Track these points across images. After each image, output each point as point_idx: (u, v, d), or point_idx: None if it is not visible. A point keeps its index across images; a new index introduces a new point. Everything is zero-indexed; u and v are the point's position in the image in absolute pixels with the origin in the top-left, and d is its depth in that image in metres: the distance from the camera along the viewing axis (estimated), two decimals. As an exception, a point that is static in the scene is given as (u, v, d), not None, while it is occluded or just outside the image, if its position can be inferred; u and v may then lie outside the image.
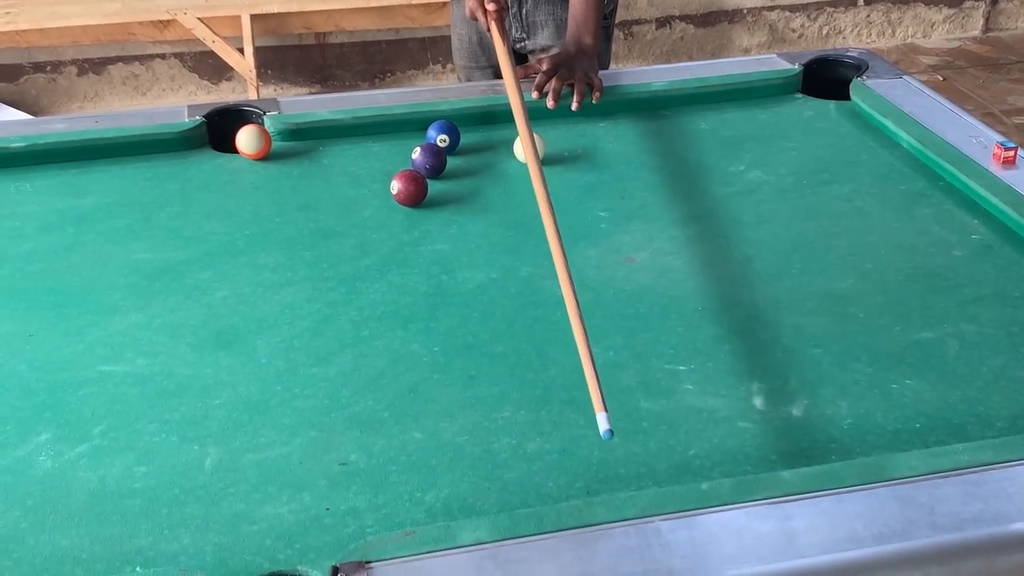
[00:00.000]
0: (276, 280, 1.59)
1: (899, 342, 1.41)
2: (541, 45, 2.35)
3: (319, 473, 1.22)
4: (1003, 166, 1.74)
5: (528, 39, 2.37)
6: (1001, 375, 1.34)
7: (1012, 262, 1.57)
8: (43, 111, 4.40)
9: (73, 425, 1.31)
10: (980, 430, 1.25)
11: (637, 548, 1.05)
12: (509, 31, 2.33)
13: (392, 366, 1.40)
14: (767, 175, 1.85)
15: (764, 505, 1.10)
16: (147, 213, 1.78)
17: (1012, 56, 4.84)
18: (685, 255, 1.63)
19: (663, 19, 4.79)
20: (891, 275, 1.56)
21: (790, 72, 2.15)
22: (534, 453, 1.24)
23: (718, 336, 1.43)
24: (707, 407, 1.30)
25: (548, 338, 1.44)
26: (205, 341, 1.46)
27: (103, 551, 1.12)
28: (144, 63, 4.47)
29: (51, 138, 1.95)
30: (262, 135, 1.94)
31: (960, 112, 1.95)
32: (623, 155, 1.94)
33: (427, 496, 1.18)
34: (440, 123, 1.94)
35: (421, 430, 1.28)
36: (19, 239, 1.72)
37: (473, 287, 1.57)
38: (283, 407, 1.33)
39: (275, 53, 4.49)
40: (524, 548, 1.06)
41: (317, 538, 1.12)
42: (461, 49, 2.50)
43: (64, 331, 1.48)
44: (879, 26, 5.00)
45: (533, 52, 2.38)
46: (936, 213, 1.71)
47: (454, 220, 1.75)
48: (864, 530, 1.07)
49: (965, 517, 1.08)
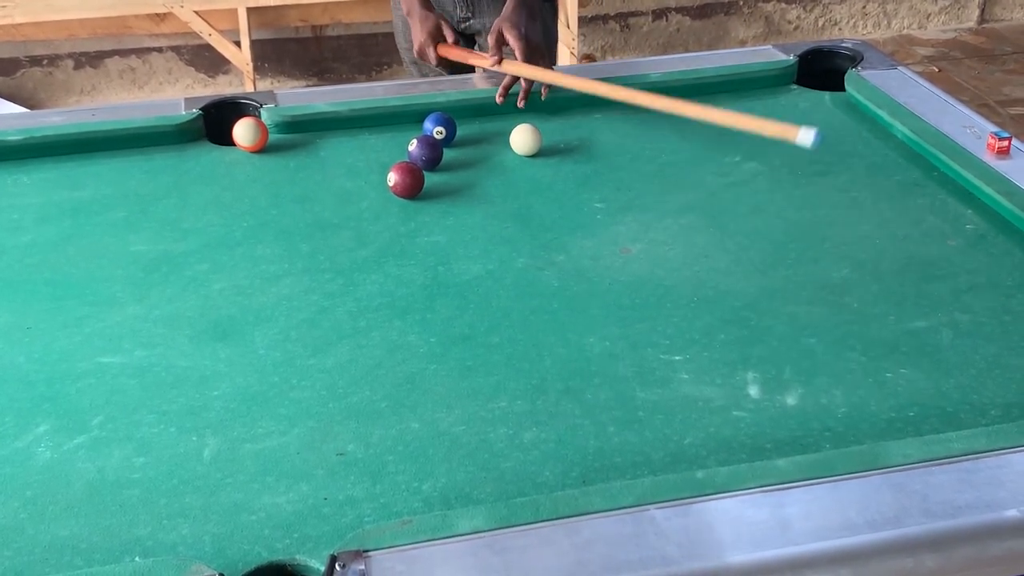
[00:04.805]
0: (273, 272, 1.60)
1: (893, 331, 1.42)
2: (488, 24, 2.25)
3: (317, 463, 1.22)
4: (997, 156, 1.75)
5: (474, 18, 2.32)
6: (994, 363, 1.35)
7: (1005, 251, 1.58)
8: (40, 105, 4.40)
9: (72, 416, 1.31)
10: (973, 418, 1.25)
11: (633, 536, 1.06)
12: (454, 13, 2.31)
13: (389, 357, 1.40)
14: (762, 166, 1.86)
15: (759, 493, 1.11)
16: (144, 205, 1.79)
17: (1007, 47, 4.85)
18: (680, 245, 1.63)
19: (659, 11, 4.79)
20: (885, 265, 1.57)
21: (785, 63, 2.15)
22: (530, 442, 1.24)
23: (713, 326, 1.44)
24: (702, 396, 1.31)
25: (544, 328, 1.45)
26: (203, 332, 1.46)
27: (102, 541, 1.13)
28: (141, 56, 4.47)
29: (48, 131, 1.95)
30: (259, 128, 1.94)
31: (954, 102, 1.95)
32: (619, 146, 1.95)
33: (424, 485, 1.18)
34: (436, 115, 1.94)
35: (418, 420, 1.29)
36: (17, 231, 1.72)
37: (469, 278, 1.57)
38: (281, 398, 1.33)
39: (272, 46, 4.49)
40: (520, 536, 1.06)
41: (315, 527, 1.13)
42: (405, 31, 2.42)
43: (62, 323, 1.49)
44: (875, 17, 5.00)
45: (480, 32, 2.33)
46: (930, 203, 1.72)
47: (450, 212, 1.76)
48: (858, 517, 1.08)
49: (958, 504, 1.09)
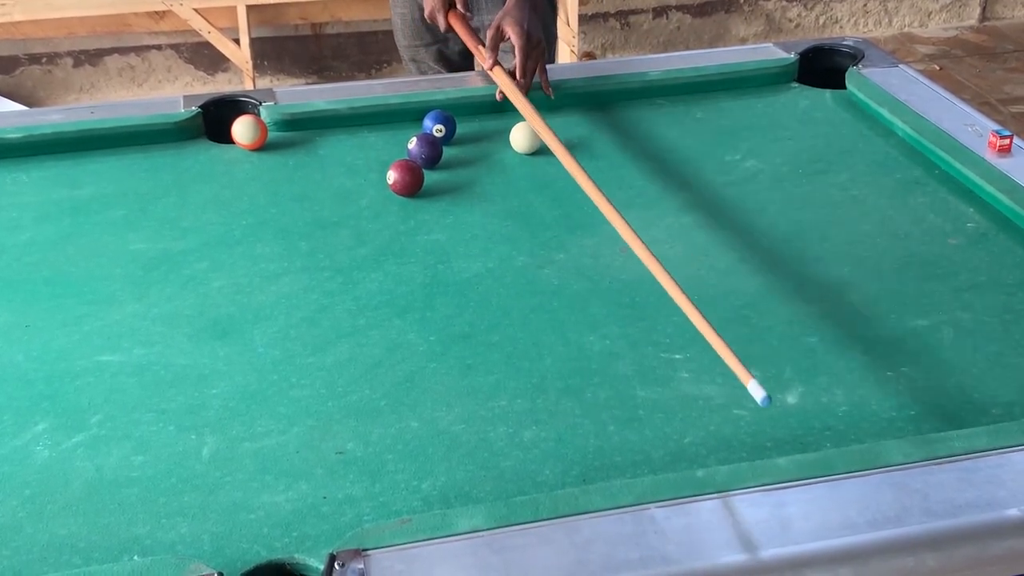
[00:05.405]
0: (273, 270, 1.60)
1: (894, 330, 1.42)
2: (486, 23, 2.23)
3: (316, 462, 1.22)
4: (998, 154, 1.74)
5: (474, 16, 2.30)
6: (995, 362, 1.35)
7: (1007, 250, 1.58)
8: (39, 103, 4.39)
9: (70, 415, 1.31)
10: (974, 417, 1.25)
11: (632, 535, 1.06)
12: None
13: (389, 355, 1.40)
14: (763, 164, 1.85)
15: (759, 492, 1.11)
16: (143, 204, 1.79)
17: (1009, 45, 4.84)
18: (681, 244, 1.63)
19: (660, 8, 4.79)
20: (886, 263, 1.57)
21: (786, 61, 2.15)
22: (530, 441, 1.24)
23: (713, 324, 1.43)
24: (702, 395, 1.30)
25: (544, 327, 1.44)
26: (202, 331, 1.46)
27: (101, 540, 1.12)
28: (140, 54, 4.46)
29: (47, 129, 1.94)
30: (258, 125, 1.94)
31: (955, 100, 1.95)
32: (619, 144, 1.94)
33: (423, 484, 1.18)
34: (436, 113, 1.94)
35: (417, 419, 1.28)
36: (16, 230, 1.72)
37: (469, 276, 1.57)
38: (280, 396, 1.33)
39: (271, 44, 4.48)
40: (520, 535, 1.06)
41: (314, 526, 1.13)
42: (404, 28, 2.43)
43: (61, 321, 1.49)
44: (876, 15, 5.00)
45: (480, 30, 2.30)
46: (931, 201, 1.72)
47: (450, 210, 1.75)
48: (858, 516, 1.08)
49: (959, 503, 1.09)
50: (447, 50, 2.44)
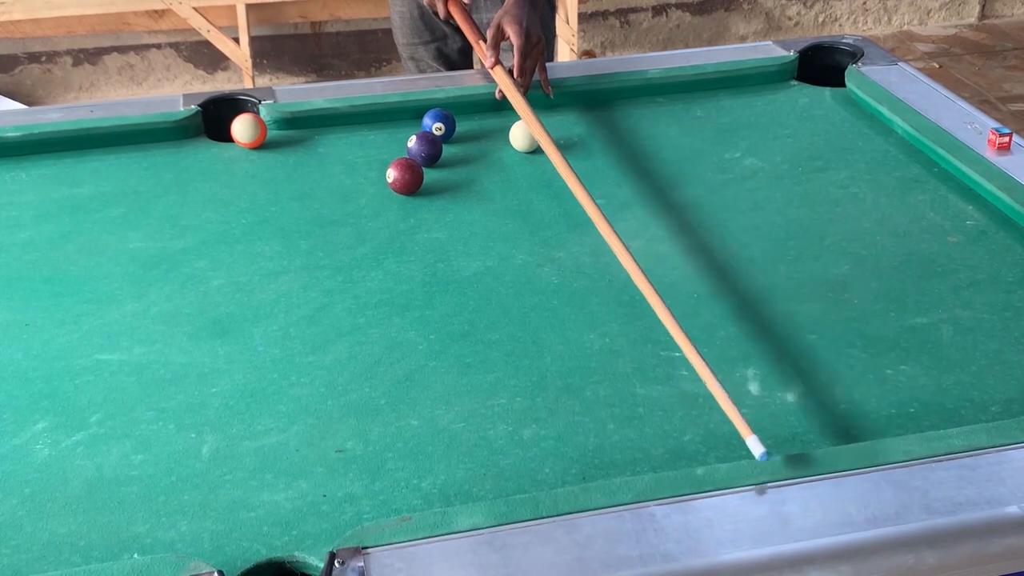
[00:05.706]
0: (272, 268, 1.60)
1: (894, 327, 1.42)
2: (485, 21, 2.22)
3: (316, 460, 1.22)
4: (998, 152, 1.74)
5: (473, 14, 2.27)
6: (995, 360, 1.35)
7: (1006, 247, 1.58)
8: (38, 102, 4.39)
9: (70, 413, 1.31)
10: (974, 414, 1.25)
11: (632, 533, 1.06)
12: None
13: (388, 354, 1.40)
14: (762, 162, 1.85)
15: (758, 489, 1.11)
16: (143, 202, 1.79)
17: (1008, 43, 4.84)
18: (680, 242, 1.63)
19: (659, 7, 4.79)
20: (886, 261, 1.57)
21: (785, 59, 2.15)
22: (530, 439, 1.24)
23: (713, 322, 1.44)
24: (702, 393, 1.30)
25: (543, 325, 1.44)
26: (201, 329, 1.46)
27: (100, 538, 1.12)
28: (139, 53, 4.46)
29: (47, 127, 1.94)
30: (258, 124, 1.94)
31: (955, 98, 1.95)
32: (618, 142, 1.94)
33: (423, 482, 1.18)
34: (436, 111, 1.94)
35: (417, 417, 1.28)
36: (15, 228, 1.72)
37: (469, 275, 1.57)
38: (280, 395, 1.33)
39: (271, 42, 4.48)
40: (520, 533, 1.06)
41: (314, 525, 1.13)
42: (403, 26, 2.43)
43: (61, 320, 1.49)
44: (875, 13, 4.99)
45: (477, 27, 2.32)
46: (931, 199, 1.72)
47: (450, 208, 1.75)
48: (858, 514, 1.08)
49: (959, 501, 1.09)
50: (446, 48, 2.43)
